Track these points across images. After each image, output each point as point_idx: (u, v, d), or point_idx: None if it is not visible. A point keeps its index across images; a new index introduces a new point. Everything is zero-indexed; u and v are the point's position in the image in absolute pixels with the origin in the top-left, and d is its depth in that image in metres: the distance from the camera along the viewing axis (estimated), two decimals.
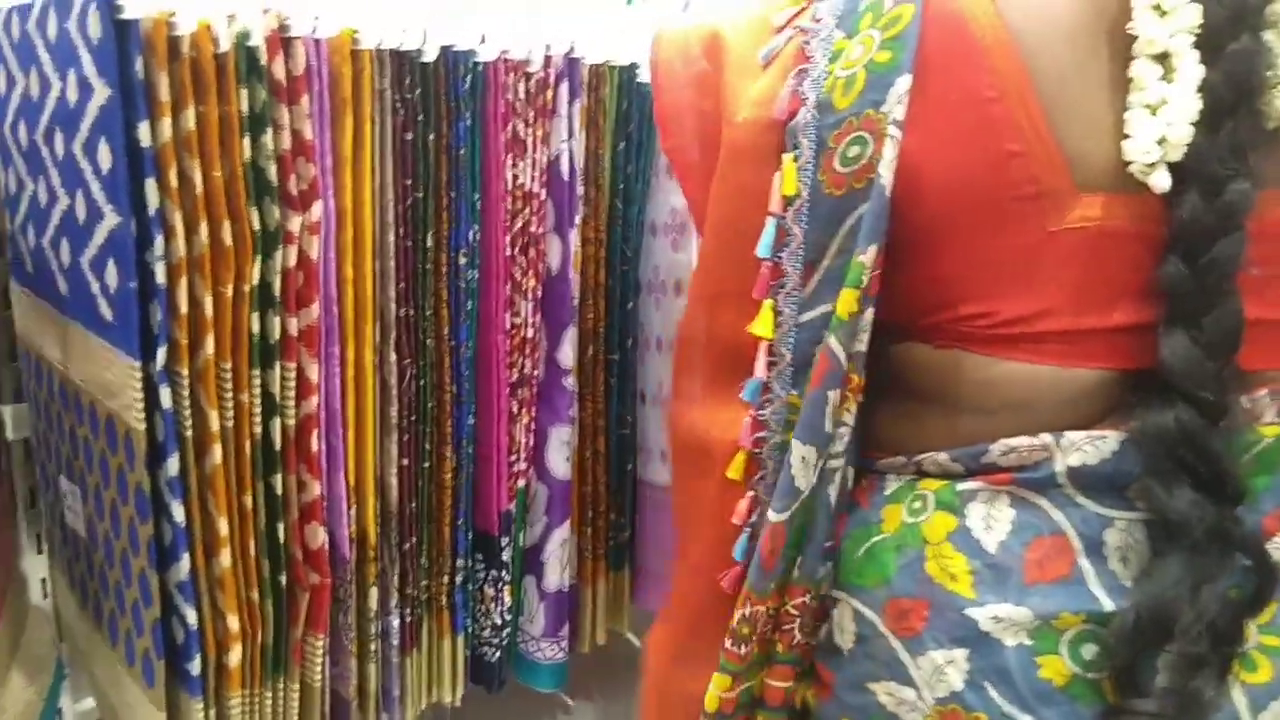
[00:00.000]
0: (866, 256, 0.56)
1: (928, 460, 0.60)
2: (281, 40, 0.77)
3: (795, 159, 0.60)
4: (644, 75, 1.04)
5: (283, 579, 0.85)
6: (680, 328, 0.71)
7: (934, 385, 0.60)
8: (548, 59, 0.95)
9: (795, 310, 0.61)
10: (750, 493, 0.63)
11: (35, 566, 0.98)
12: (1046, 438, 0.56)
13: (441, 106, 0.90)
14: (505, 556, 1.03)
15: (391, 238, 0.89)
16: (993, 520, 0.57)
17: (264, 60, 0.76)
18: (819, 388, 0.58)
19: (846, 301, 0.57)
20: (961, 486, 0.58)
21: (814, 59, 0.60)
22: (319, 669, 0.90)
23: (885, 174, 0.55)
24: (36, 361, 0.88)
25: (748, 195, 0.63)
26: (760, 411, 0.63)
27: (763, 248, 0.62)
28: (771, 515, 0.60)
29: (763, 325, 0.62)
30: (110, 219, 0.72)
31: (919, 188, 0.56)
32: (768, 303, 0.62)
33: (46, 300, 0.83)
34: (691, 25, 0.71)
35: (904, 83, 0.55)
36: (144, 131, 0.71)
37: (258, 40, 0.76)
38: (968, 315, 0.58)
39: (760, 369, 0.63)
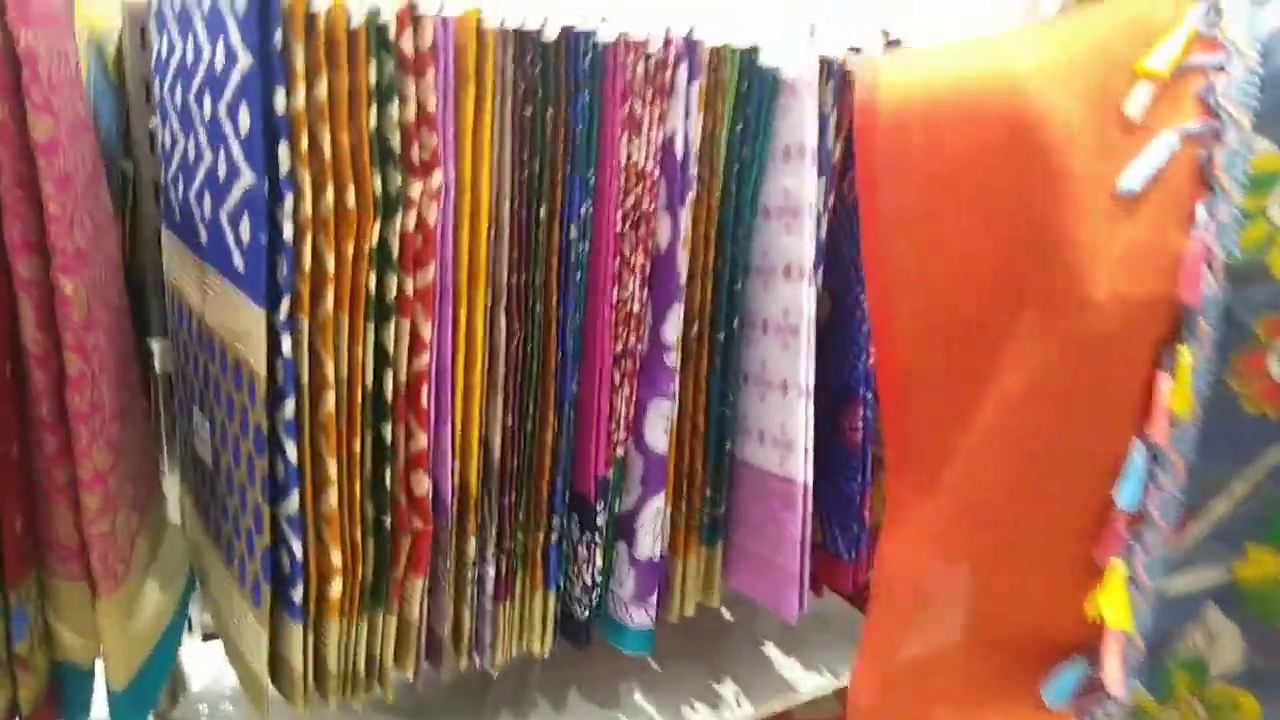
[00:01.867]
0: None
1: None
2: (411, 17, 0.82)
3: (1193, 355, 0.42)
4: (765, 59, 1.04)
5: (386, 521, 0.91)
6: (920, 609, 0.52)
7: None
8: (667, 40, 0.97)
9: (1161, 574, 0.44)
10: None
11: (171, 488, 1.08)
12: None
13: (561, 84, 0.93)
14: (599, 521, 1.07)
15: (507, 208, 0.94)
16: None
17: (393, 36, 0.82)
18: None
19: None
20: None
21: (1221, 188, 0.40)
22: (417, 607, 0.96)
23: None
24: (180, 302, 0.97)
25: (1095, 406, 0.45)
26: None
27: (1129, 489, 0.43)
28: None
29: (1116, 605, 0.44)
30: (246, 177, 0.79)
31: None
32: (1120, 568, 0.44)
33: (189, 247, 0.91)
34: (952, 73, 0.45)
35: None
36: (280, 98, 0.77)
37: (388, 17, 0.81)
38: None
39: (1114, 671, 0.44)
